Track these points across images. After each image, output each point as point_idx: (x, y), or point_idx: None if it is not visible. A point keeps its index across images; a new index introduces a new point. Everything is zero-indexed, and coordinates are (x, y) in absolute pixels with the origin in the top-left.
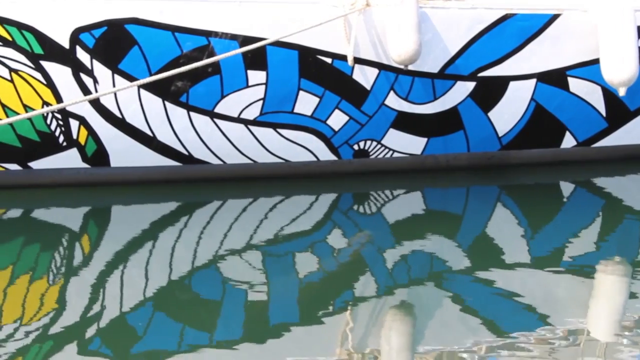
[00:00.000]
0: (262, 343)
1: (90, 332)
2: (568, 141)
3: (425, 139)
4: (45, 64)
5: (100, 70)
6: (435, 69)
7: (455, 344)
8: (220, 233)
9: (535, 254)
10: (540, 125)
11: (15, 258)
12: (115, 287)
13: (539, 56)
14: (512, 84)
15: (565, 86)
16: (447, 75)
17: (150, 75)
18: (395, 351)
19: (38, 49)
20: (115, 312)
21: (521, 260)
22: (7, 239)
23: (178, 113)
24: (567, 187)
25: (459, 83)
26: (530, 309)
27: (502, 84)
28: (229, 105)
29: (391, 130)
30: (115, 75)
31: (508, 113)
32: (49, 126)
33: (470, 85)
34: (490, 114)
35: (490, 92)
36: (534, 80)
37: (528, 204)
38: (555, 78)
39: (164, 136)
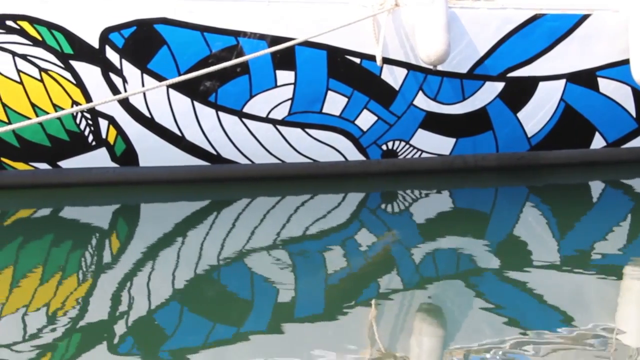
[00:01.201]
0: (290, 342)
1: (119, 328)
2: (597, 142)
3: (454, 140)
4: (75, 64)
5: (130, 70)
6: (464, 69)
7: (483, 343)
8: (248, 232)
9: (564, 254)
10: (570, 125)
11: (45, 256)
12: (143, 285)
13: (569, 56)
14: (541, 84)
15: (595, 87)
16: (476, 76)
17: (179, 75)
18: (424, 350)
19: (68, 49)
20: (144, 309)
21: (550, 261)
22: (37, 238)
23: (207, 113)
24: (596, 188)
25: (488, 83)
26: (559, 309)
27: (531, 84)
28: (258, 105)
29: (420, 130)
30: (145, 75)
31: (537, 114)
32: (78, 125)
33: (500, 86)
34: (520, 115)
35: (519, 92)
36: (563, 81)
37: (557, 204)
38: (585, 78)
39: (193, 136)
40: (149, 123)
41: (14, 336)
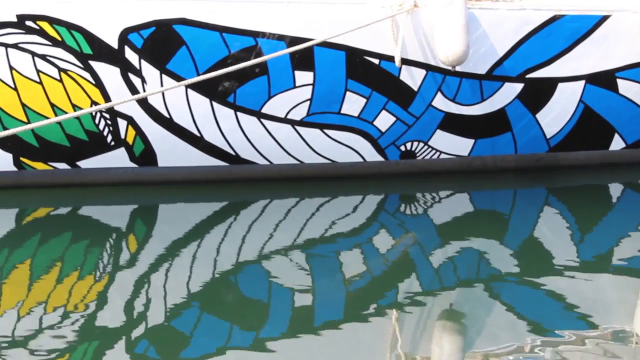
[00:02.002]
0: (309, 345)
1: (136, 329)
2: (617, 143)
3: (472, 141)
4: (94, 64)
5: (149, 70)
6: (483, 70)
7: (503, 347)
8: (266, 233)
9: (584, 256)
10: (589, 127)
11: (63, 255)
12: (160, 286)
13: (588, 58)
14: (560, 85)
15: (614, 88)
16: (495, 77)
17: (198, 75)
18: (443, 353)
19: (87, 49)
20: (161, 310)
21: (569, 263)
22: (55, 237)
23: (225, 113)
24: (615, 190)
25: (507, 84)
26: (579, 311)
27: (550, 85)
28: (276, 105)
29: (438, 131)
30: (163, 75)
31: (556, 115)
32: (97, 125)
33: (519, 87)
34: (538, 116)
35: (538, 93)
36: (582, 82)
37: (576, 206)
38: (605, 80)
39: (211, 136)
40: (168, 123)
41: (31, 334)
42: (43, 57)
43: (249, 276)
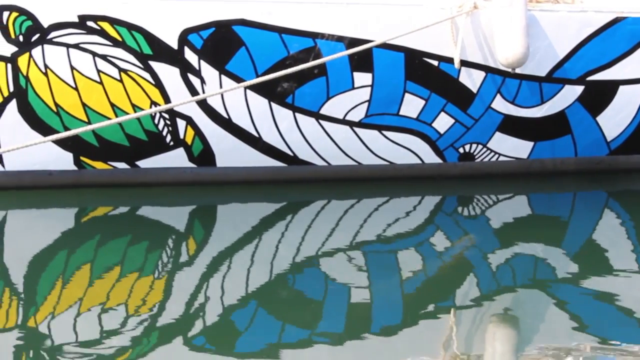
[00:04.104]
0: (364, 345)
1: (194, 328)
2: None
3: (531, 143)
4: (153, 64)
5: (208, 71)
6: (543, 72)
7: (557, 351)
8: (324, 234)
9: None
10: None
11: (123, 254)
12: (218, 285)
13: None
14: (621, 88)
15: None
16: (555, 79)
17: (257, 76)
18: (497, 356)
19: (147, 50)
20: (219, 309)
21: (628, 268)
22: (114, 237)
23: (284, 114)
24: None
25: (567, 87)
26: (637, 317)
27: (611, 88)
28: (335, 106)
29: (497, 133)
30: (222, 76)
31: (617, 117)
32: (156, 126)
33: (579, 89)
34: (599, 119)
35: (599, 96)
36: None
37: (637, 210)
38: None
39: (270, 137)
40: (226, 124)
41: (91, 333)
42: (104, 57)
43: (306, 276)
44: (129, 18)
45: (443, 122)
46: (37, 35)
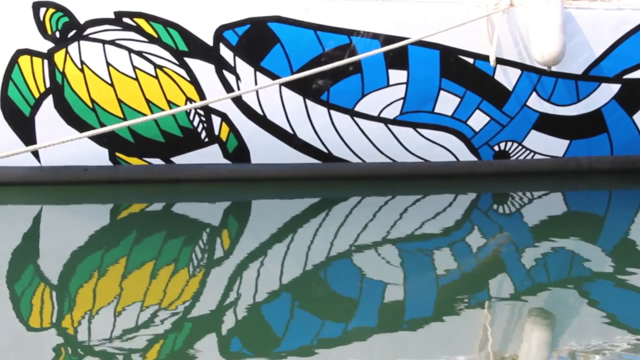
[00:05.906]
0: (398, 341)
1: (228, 323)
2: None
3: (567, 141)
4: (189, 61)
5: (243, 68)
6: (579, 70)
7: (592, 348)
8: (358, 230)
9: None
10: None
11: (158, 250)
12: (253, 281)
13: None
14: None
15: None
16: (591, 77)
17: (292, 73)
18: (532, 353)
19: (183, 46)
20: (252, 305)
21: None
22: (150, 232)
23: (318, 111)
24: None
25: (604, 85)
26: None
27: None
28: (370, 104)
29: (533, 131)
30: (257, 73)
31: None
32: (191, 122)
33: (615, 88)
34: (636, 117)
35: (635, 94)
36: None
37: None
38: None
39: (304, 134)
40: (261, 120)
41: (126, 327)
42: (139, 53)
43: (339, 272)
44: (165, 14)
45: (478, 120)
46: (73, 32)
